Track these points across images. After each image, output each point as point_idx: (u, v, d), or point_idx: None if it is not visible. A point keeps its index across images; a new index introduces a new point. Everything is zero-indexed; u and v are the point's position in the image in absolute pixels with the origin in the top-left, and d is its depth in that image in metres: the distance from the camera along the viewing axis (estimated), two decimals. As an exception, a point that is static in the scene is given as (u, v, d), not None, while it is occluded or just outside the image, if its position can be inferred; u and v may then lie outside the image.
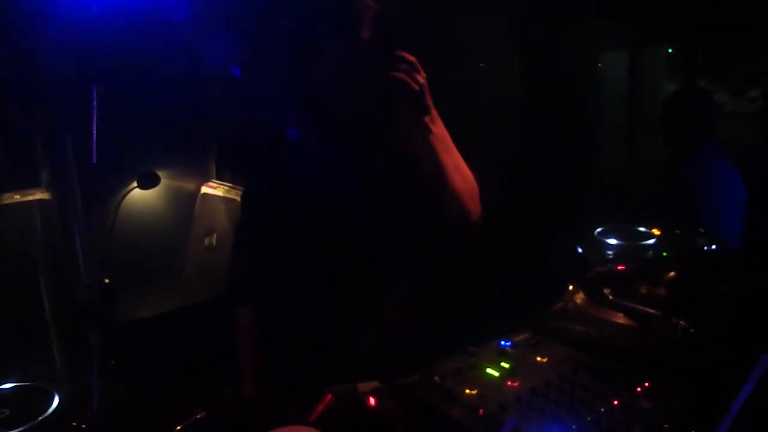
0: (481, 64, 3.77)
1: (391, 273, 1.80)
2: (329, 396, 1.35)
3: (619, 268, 1.89)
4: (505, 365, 1.43)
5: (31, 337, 2.46)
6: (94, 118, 1.95)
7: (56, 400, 1.43)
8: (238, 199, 2.89)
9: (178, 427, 1.28)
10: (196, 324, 2.59)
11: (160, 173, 2.78)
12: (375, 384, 1.41)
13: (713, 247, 2.17)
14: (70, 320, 2.48)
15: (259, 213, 1.86)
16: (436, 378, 1.38)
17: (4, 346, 2.28)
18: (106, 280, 2.56)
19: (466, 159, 1.77)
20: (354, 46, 1.62)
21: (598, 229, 2.31)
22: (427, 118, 1.65)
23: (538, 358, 1.47)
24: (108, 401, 1.63)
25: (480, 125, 3.47)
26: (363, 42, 1.60)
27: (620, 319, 1.60)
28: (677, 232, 2.29)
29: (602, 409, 1.23)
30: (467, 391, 1.33)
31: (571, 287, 1.78)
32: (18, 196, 2.52)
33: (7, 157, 2.54)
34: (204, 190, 3.11)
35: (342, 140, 1.76)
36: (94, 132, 1.96)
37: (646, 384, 1.33)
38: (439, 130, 1.69)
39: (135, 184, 2.74)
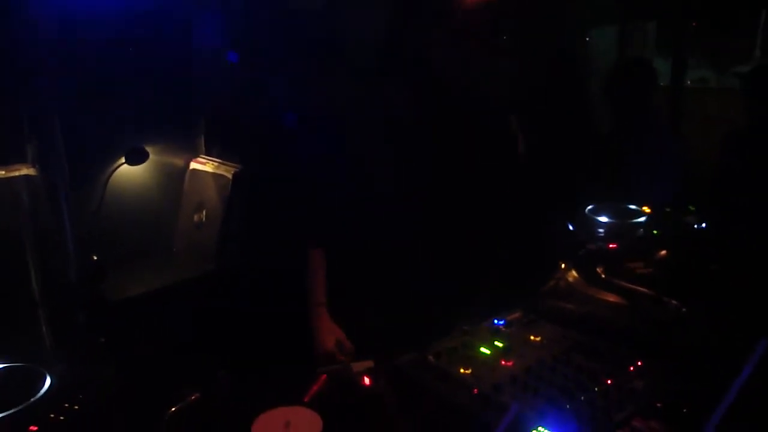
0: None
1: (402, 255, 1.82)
2: (323, 376, 1.35)
3: (611, 246, 1.90)
4: (499, 344, 1.44)
5: (18, 315, 2.43)
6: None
7: (48, 382, 1.42)
8: (228, 175, 2.85)
9: (173, 409, 1.28)
10: (186, 301, 2.58)
11: (148, 149, 2.75)
12: (369, 363, 1.42)
13: (703, 225, 2.18)
14: (58, 299, 2.46)
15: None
16: (430, 357, 1.39)
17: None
18: (95, 257, 2.54)
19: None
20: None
21: (589, 207, 2.31)
22: None
23: (532, 337, 1.48)
24: (100, 382, 1.62)
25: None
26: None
27: (612, 298, 1.61)
28: (667, 210, 2.30)
29: (596, 389, 1.24)
30: (461, 370, 1.33)
31: (563, 265, 1.79)
32: (3, 172, 2.47)
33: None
34: (193, 165, 3.07)
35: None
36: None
37: (639, 363, 1.34)
38: None
39: (123, 160, 2.71)
